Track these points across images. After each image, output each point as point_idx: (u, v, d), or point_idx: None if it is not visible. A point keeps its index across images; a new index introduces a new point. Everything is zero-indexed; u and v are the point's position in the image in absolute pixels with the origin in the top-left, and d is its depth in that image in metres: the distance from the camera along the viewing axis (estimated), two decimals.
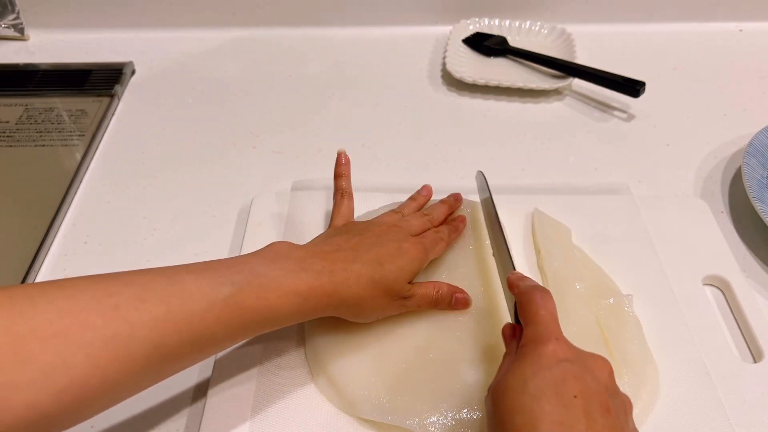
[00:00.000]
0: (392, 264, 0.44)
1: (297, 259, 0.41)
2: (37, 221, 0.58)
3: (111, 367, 0.32)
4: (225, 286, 0.37)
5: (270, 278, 0.39)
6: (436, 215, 0.52)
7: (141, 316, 0.33)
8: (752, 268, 0.55)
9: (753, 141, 0.61)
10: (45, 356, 0.30)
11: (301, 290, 0.39)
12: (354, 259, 0.43)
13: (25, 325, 0.30)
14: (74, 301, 0.32)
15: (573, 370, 0.33)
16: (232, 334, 0.38)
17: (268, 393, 0.44)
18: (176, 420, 0.44)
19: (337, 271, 0.41)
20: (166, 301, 0.34)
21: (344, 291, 0.41)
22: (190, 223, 0.59)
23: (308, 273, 0.40)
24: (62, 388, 0.30)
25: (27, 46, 0.84)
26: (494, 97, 0.75)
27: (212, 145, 0.68)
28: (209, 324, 0.36)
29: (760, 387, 0.45)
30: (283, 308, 0.39)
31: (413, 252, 0.45)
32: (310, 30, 0.86)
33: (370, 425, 0.42)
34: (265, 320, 0.38)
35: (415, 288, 0.46)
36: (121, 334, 0.32)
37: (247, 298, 0.37)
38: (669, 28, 0.85)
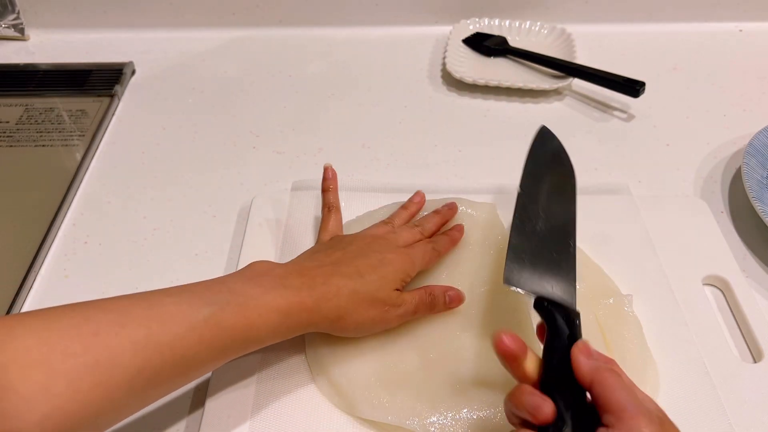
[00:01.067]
0: (373, 274, 0.43)
1: (276, 277, 0.41)
2: (37, 221, 0.58)
3: (93, 394, 0.32)
4: (205, 307, 0.36)
5: (249, 296, 0.38)
6: (428, 226, 0.51)
7: (121, 341, 0.33)
8: (752, 268, 0.55)
9: (753, 141, 0.61)
10: (26, 384, 0.30)
11: (281, 307, 0.39)
12: (334, 272, 0.43)
13: (5, 354, 0.30)
14: (53, 330, 0.32)
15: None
16: (214, 354, 0.37)
17: (269, 393, 0.44)
18: (176, 420, 0.44)
19: (317, 286, 0.41)
20: (146, 324, 0.34)
21: (324, 305, 0.41)
22: (190, 223, 0.59)
23: (287, 289, 0.40)
24: (44, 416, 0.30)
25: (27, 46, 0.84)
26: (494, 97, 0.75)
27: (212, 145, 0.68)
28: (191, 345, 0.35)
29: (760, 387, 0.45)
30: (264, 326, 0.38)
31: (397, 262, 0.45)
32: (310, 30, 0.86)
33: (370, 425, 0.43)
34: (246, 339, 0.38)
35: (406, 296, 0.45)
36: (102, 361, 0.32)
37: (228, 318, 0.37)
38: (669, 28, 0.85)
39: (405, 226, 0.51)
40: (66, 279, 0.55)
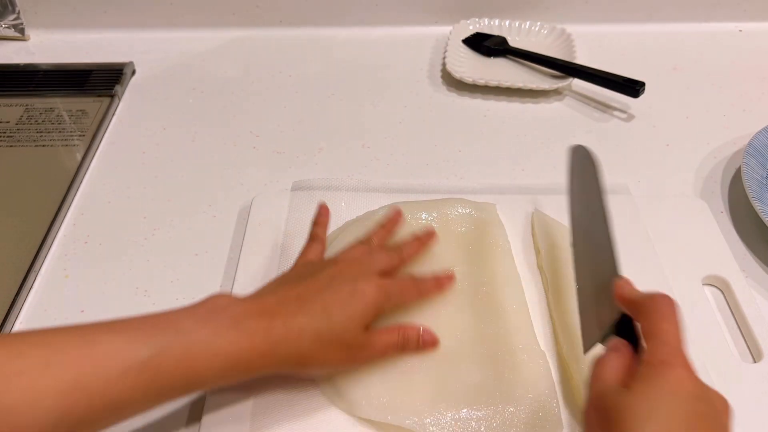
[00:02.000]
0: (341, 313, 0.40)
1: (231, 316, 0.38)
2: (37, 221, 0.58)
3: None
4: (144, 348, 0.34)
5: (195, 340, 0.36)
6: (408, 251, 0.48)
7: (47, 381, 0.31)
8: (752, 268, 0.55)
9: (753, 141, 0.62)
10: None
11: (230, 352, 0.36)
12: (297, 311, 0.39)
13: None
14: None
15: (703, 410, 0.31)
16: (150, 399, 0.35)
17: (269, 393, 0.44)
18: (176, 419, 0.44)
19: (275, 328, 0.38)
20: (77, 364, 0.32)
21: (283, 349, 0.38)
22: (190, 223, 0.59)
23: (240, 333, 0.37)
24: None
25: (27, 46, 0.84)
26: (494, 97, 0.75)
27: (212, 145, 0.68)
28: (125, 389, 0.33)
29: (759, 387, 0.45)
30: (209, 372, 0.36)
31: (370, 294, 0.41)
32: (310, 30, 0.86)
33: (370, 425, 0.43)
34: (188, 385, 0.36)
35: (375, 337, 0.42)
36: (21, 403, 0.30)
37: (168, 362, 0.34)
38: (669, 28, 0.85)
39: (383, 248, 0.48)
40: (66, 279, 0.55)
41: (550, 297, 0.50)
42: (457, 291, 0.49)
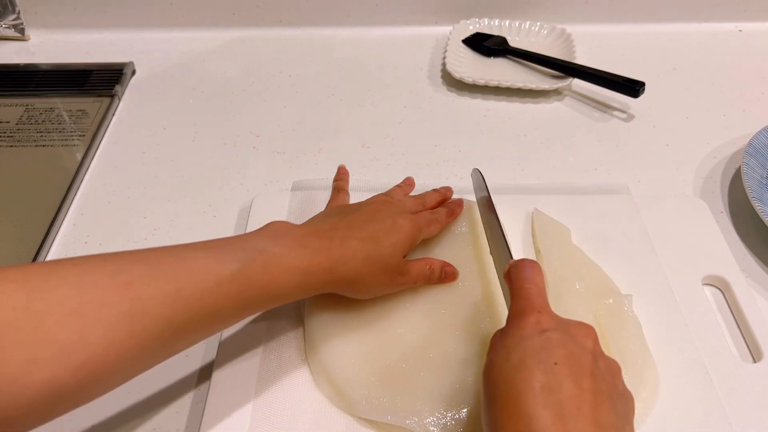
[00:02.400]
0: (387, 240, 0.44)
1: (296, 237, 0.42)
2: (37, 221, 0.58)
3: (127, 344, 0.33)
4: (231, 263, 0.37)
5: (272, 254, 0.39)
6: (428, 201, 0.53)
7: (153, 292, 0.34)
8: (752, 268, 0.55)
9: (752, 141, 0.62)
10: (63, 334, 0.31)
11: (302, 267, 0.40)
12: (350, 236, 0.43)
13: (42, 303, 0.31)
14: (88, 278, 0.33)
15: (555, 338, 0.34)
16: (239, 308, 0.38)
17: (269, 393, 0.44)
18: (176, 418, 0.45)
19: (335, 248, 0.42)
20: (176, 278, 0.35)
21: (342, 267, 0.42)
22: (190, 223, 0.59)
23: (307, 250, 0.41)
24: (80, 364, 0.31)
25: (27, 47, 0.84)
26: (494, 97, 0.75)
27: (212, 145, 0.68)
28: (218, 299, 0.36)
29: (759, 387, 0.45)
30: (287, 284, 0.40)
31: (407, 228, 0.46)
32: (310, 30, 0.86)
33: (370, 425, 0.43)
34: (270, 295, 0.39)
35: (410, 265, 0.47)
36: (135, 311, 0.33)
37: (253, 274, 0.38)
38: (669, 28, 0.85)
39: (407, 196, 0.53)
40: None
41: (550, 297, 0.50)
42: (457, 291, 0.49)
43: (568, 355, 0.33)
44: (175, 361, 0.47)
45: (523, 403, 0.31)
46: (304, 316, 0.48)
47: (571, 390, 0.31)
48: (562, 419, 0.30)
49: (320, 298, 0.48)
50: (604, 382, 0.33)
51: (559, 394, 0.31)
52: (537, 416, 0.30)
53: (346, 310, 0.47)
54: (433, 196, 0.54)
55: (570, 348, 0.33)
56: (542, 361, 0.32)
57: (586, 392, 0.32)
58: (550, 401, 0.31)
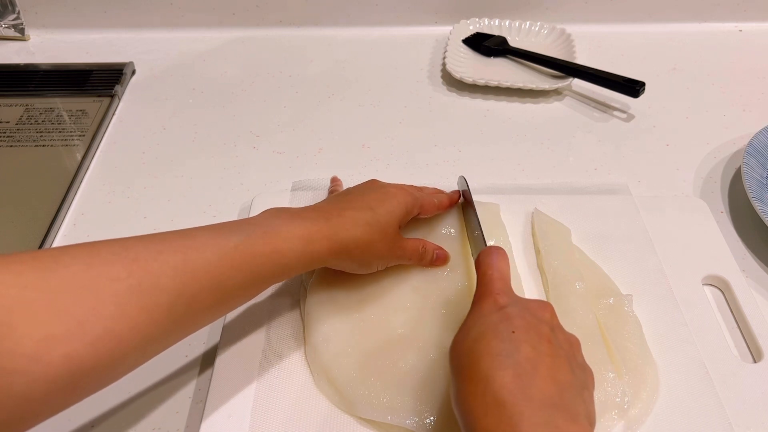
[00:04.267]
0: (382, 207, 0.45)
1: (294, 212, 0.43)
2: (37, 221, 0.58)
3: (140, 316, 0.33)
4: (233, 236, 0.38)
5: (273, 226, 0.41)
6: (425, 189, 0.54)
7: (161, 265, 0.35)
8: (752, 268, 0.55)
9: (753, 141, 0.62)
10: (78, 308, 0.31)
11: (302, 234, 0.41)
12: (345, 207, 0.45)
13: (55, 280, 0.31)
14: (95, 257, 0.33)
15: (513, 312, 0.36)
16: (247, 280, 0.39)
17: (269, 393, 0.44)
18: (176, 418, 0.45)
19: (333, 218, 0.43)
20: (182, 251, 0.36)
21: (343, 234, 0.43)
22: (190, 223, 0.58)
23: (306, 220, 0.42)
24: (96, 337, 0.31)
25: (27, 46, 0.84)
26: (494, 97, 0.75)
27: (212, 145, 0.68)
28: (224, 270, 0.37)
29: (760, 387, 0.45)
30: (291, 252, 0.40)
31: (400, 196, 0.47)
32: (310, 30, 0.86)
33: (370, 425, 0.43)
34: (276, 265, 0.40)
35: (406, 240, 0.48)
36: (144, 283, 0.33)
37: (255, 243, 0.39)
38: (669, 28, 0.85)
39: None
40: None
41: (550, 297, 0.50)
42: (458, 291, 0.49)
43: (525, 325, 0.35)
44: (176, 361, 0.48)
45: (482, 367, 0.33)
46: (303, 316, 0.48)
47: (528, 353, 0.33)
48: (519, 377, 0.32)
49: (320, 298, 0.48)
50: (561, 349, 0.35)
51: (516, 356, 0.33)
52: (494, 376, 0.32)
53: (346, 311, 0.48)
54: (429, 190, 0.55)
55: (527, 319, 0.35)
56: (500, 332, 0.34)
57: (543, 355, 0.33)
58: (506, 363, 0.32)
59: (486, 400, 0.31)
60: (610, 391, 0.43)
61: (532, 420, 0.30)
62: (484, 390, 0.32)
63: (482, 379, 0.32)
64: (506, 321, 0.35)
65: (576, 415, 0.32)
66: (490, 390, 0.31)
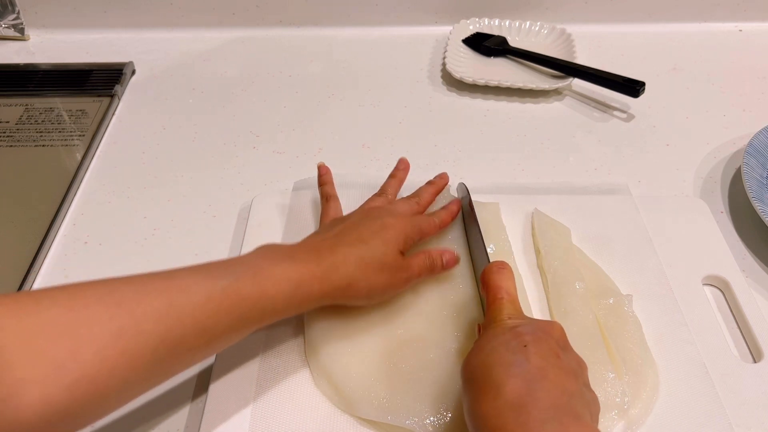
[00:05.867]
0: (376, 239, 0.44)
1: (284, 253, 0.42)
2: (37, 221, 0.58)
3: (119, 361, 0.32)
4: (221, 279, 0.38)
5: (262, 268, 0.40)
6: (424, 196, 0.53)
7: (144, 309, 0.34)
8: (752, 268, 0.55)
9: (752, 141, 0.62)
10: (55, 351, 0.30)
11: (291, 277, 0.40)
12: (338, 243, 0.44)
13: (34, 323, 0.31)
14: (78, 299, 0.33)
15: (524, 329, 0.37)
16: (234, 324, 0.38)
17: (268, 393, 0.44)
18: (176, 418, 0.44)
19: (324, 257, 0.42)
20: (167, 294, 0.35)
21: (334, 274, 0.42)
22: (190, 223, 0.59)
23: (296, 262, 0.41)
24: (73, 381, 0.31)
25: (27, 46, 0.84)
26: (494, 97, 0.75)
27: (212, 145, 0.68)
28: (211, 314, 0.36)
29: (760, 387, 0.45)
30: (279, 295, 0.39)
31: (398, 226, 0.46)
32: (310, 30, 0.86)
33: (370, 425, 0.43)
34: (263, 309, 0.39)
35: (410, 259, 0.47)
36: (126, 328, 0.33)
37: (244, 287, 0.38)
38: (669, 28, 0.85)
39: (401, 199, 0.53)
40: (66, 279, 0.55)
41: (550, 297, 0.50)
42: (457, 292, 0.49)
43: (536, 340, 0.36)
44: None
45: (494, 376, 0.34)
46: (304, 316, 0.48)
47: (537, 363, 0.34)
48: (528, 382, 0.33)
49: None
50: (569, 365, 0.36)
51: (526, 365, 0.34)
52: (505, 383, 0.33)
53: (346, 311, 0.47)
54: (428, 190, 0.54)
55: (538, 335, 0.36)
56: (512, 346, 0.35)
57: (552, 366, 0.34)
58: (517, 372, 0.34)
59: (497, 404, 0.33)
60: (610, 391, 0.43)
61: (539, 417, 0.31)
62: (495, 395, 0.33)
63: (494, 386, 0.33)
64: (518, 337, 0.36)
65: (581, 416, 0.33)
66: (501, 395, 0.33)
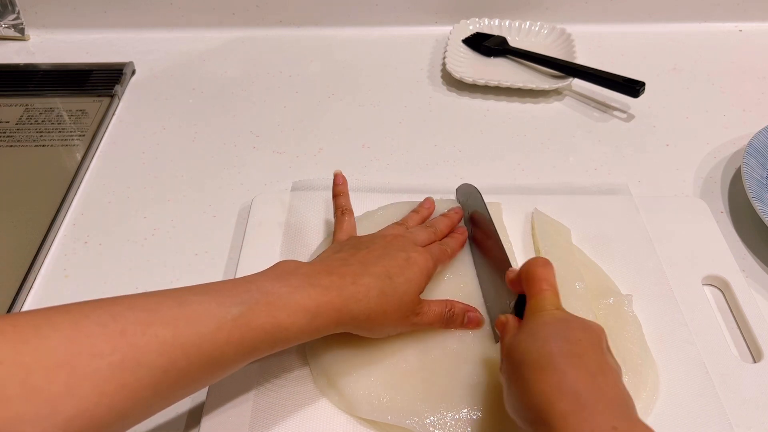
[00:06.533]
0: (401, 276, 0.43)
1: (304, 275, 0.40)
2: (37, 221, 0.58)
3: (118, 395, 0.31)
4: (234, 307, 0.36)
5: (278, 296, 0.38)
6: (440, 227, 0.51)
7: (148, 340, 0.33)
8: (752, 268, 0.55)
9: (752, 141, 0.62)
10: (51, 387, 0.29)
11: (309, 307, 0.38)
12: (362, 272, 0.42)
13: (30, 355, 0.30)
14: (79, 328, 0.32)
15: (575, 323, 0.37)
16: (242, 354, 0.37)
17: (268, 393, 0.44)
18: (176, 418, 0.44)
19: (346, 286, 0.40)
20: (173, 324, 0.34)
21: (354, 306, 0.40)
22: (190, 223, 0.59)
23: (316, 289, 0.39)
24: (69, 418, 0.29)
25: (27, 46, 0.84)
26: (494, 97, 0.75)
27: (212, 145, 0.68)
28: (219, 346, 0.35)
29: (759, 387, 0.45)
30: (293, 326, 0.38)
31: (422, 262, 0.44)
32: (310, 30, 0.86)
33: (370, 425, 0.43)
34: (275, 339, 0.38)
35: (426, 306, 0.45)
36: (128, 361, 0.32)
37: (257, 318, 0.36)
38: (669, 28, 0.85)
39: (419, 226, 0.51)
40: (66, 279, 0.55)
41: None
42: (458, 292, 0.49)
43: (588, 337, 0.36)
44: None
45: (556, 362, 0.34)
46: None
47: (594, 359, 0.35)
48: (592, 376, 0.33)
49: None
50: (616, 366, 0.36)
51: (585, 359, 0.34)
52: (569, 372, 0.33)
53: None
54: (444, 223, 0.52)
55: (588, 332, 0.36)
56: (567, 337, 0.36)
57: (606, 365, 0.35)
58: (579, 363, 0.34)
59: (562, 388, 0.33)
60: None
61: (606, 413, 0.32)
62: (559, 381, 0.33)
63: (557, 371, 0.33)
64: (571, 330, 0.36)
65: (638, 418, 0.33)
66: (566, 381, 0.33)
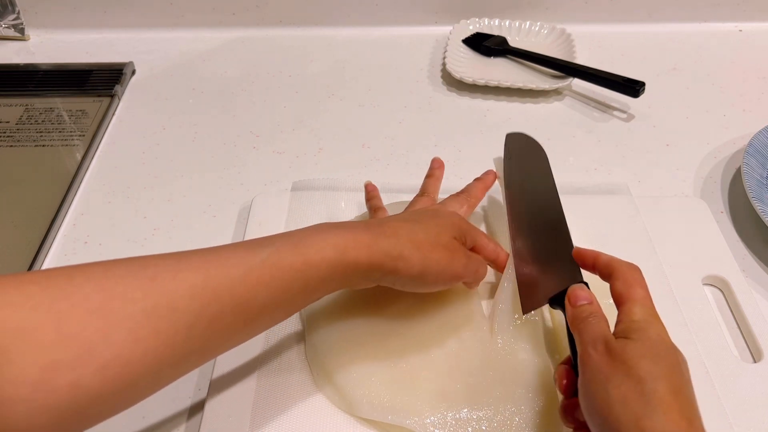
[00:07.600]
0: (431, 221, 0.43)
1: (330, 224, 0.40)
2: (37, 221, 0.58)
3: (153, 341, 0.31)
4: (262, 249, 0.36)
5: (305, 236, 0.38)
6: (473, 192, 0.52)
7: (179, 284, 0.33)
8: (752, 268, 0.55)
9: (752, 141, 0.62)
10: (86, 332, 0.29)
11: (338, 243, 0.37)
12: (387, 220, 0.43)
13: (65, 302, 0.30)
14: (111, 276, 0.32)
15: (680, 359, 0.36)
16: (274, 297, 0.36)
17: (269, 393, 0.44)
18: (176, 418, 0.45)
19: (372, 227, 0.40)
20: (204, 268, 0.34)
21: (384, 242, 0.39)
22: (190, 223, 0.59)
23: (342, 229, 0.39)
24: (104, 364, 0.29)
25: (27, 46, 0.84)
26: (494, 97, 0.75)
27: (212, 145, 0.68)
28: (249, 288, 0.35)
29: (759, 387, 0.45)
30: (323, 263, 0.37)
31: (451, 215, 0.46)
32: (310, 30, 0.86)
33: (370, 425, 0.43)
34: (306, 280, 0.37)
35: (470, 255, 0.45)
36: (160, 306, 0.32)
37: (285, 257, 0.36)
38: (669, 28, 0.85)
39: (449, 198, 0.52)
40: None
41: None
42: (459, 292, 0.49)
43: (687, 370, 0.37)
44: None
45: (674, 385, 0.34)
46: (304, 315, 0.48)
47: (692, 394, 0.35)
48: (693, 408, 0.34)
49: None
50: None
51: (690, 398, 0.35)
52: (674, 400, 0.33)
53: (346, 311, 0.47)
54: (477, 186, 0.53)
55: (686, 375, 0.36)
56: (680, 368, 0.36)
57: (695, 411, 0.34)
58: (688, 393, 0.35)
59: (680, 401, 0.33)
60: None
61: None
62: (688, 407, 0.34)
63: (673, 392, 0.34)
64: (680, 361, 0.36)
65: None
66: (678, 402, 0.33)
